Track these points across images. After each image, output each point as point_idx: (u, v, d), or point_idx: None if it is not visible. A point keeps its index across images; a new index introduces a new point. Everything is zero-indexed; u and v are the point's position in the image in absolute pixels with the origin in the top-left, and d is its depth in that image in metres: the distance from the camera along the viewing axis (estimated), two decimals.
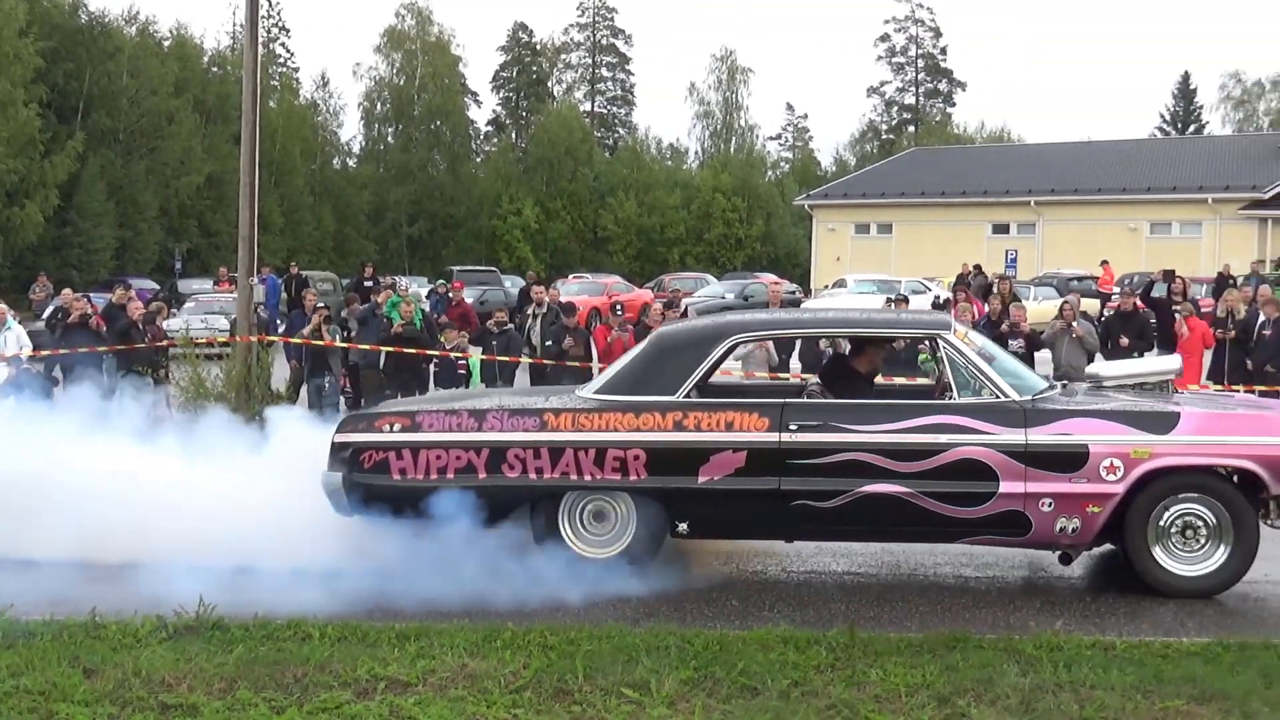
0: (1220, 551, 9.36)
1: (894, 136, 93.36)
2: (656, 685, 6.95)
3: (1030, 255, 53.22)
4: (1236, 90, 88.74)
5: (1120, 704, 6.66)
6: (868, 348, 10.91)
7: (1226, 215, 53.57)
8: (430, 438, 9.79)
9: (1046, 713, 6.57)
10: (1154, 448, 9.32)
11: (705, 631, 7.95)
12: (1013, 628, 8.29)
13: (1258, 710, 6.58)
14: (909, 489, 9.38)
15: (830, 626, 8.09)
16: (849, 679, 7.06)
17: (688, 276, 51.42)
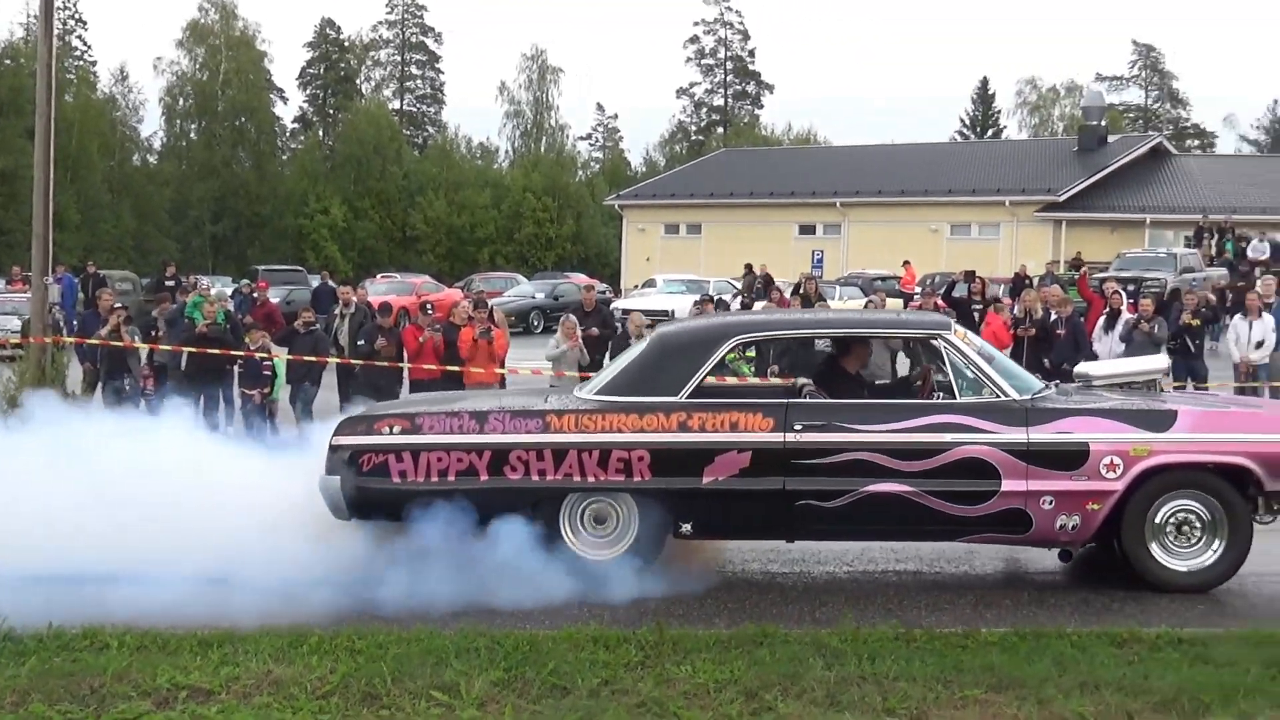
0: (1215, 547, 9.52)
1: (703, 138, 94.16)
2: (466, 687, 6.91)
3: (836, 255, 54.07)
4: (1032, 96, 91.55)
5: (922, 694, 6.80)
6: (856, 347, 10.87)
7: (1023, 217, 54.95)
8: (431, 440, 9.68)
9: (851, 705, 6.67)
10: (1153, 445, 9.45)
11: (515, 632, 7.90)
12: (819, 622, 8.40)
13: (1052, 696, 6.76)
14: (913, 488, 9.41)
15: (641, 625, 8.12)
16: (658, 676, 7.10)
17: (498, 276, 51.28)
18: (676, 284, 39.60)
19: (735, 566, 10.48)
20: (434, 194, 76.39)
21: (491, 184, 79.78)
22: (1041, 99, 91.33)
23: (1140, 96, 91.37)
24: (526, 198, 76.25)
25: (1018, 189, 56.01)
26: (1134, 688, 6.86)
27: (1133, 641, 7.77)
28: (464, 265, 68.67)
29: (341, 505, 9.63)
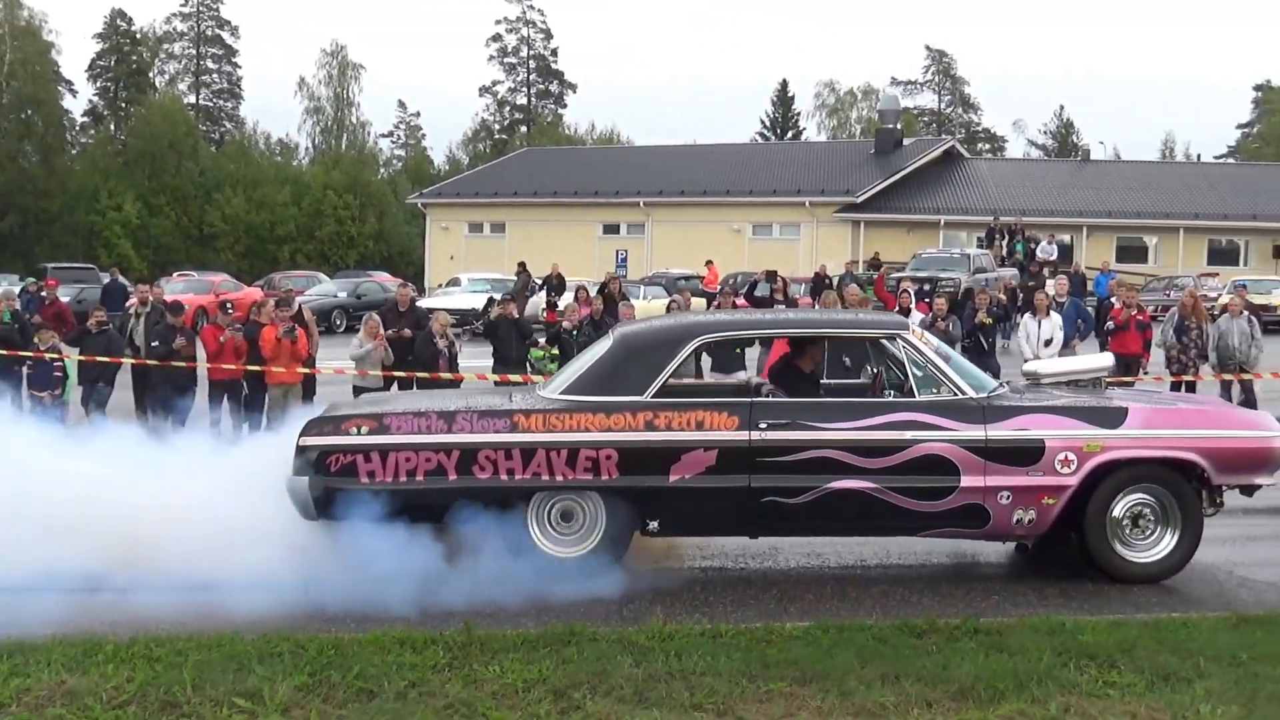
0: (1169, 538, 9.81)
1: (507, 136, 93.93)
2: (270, 693, 6.78)
3: (640, 255, 54.45)
4: (830, 98, 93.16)
5: (728, 689, 6.87)
6: (810, 348, 10.92)
7: (823, 218, 55.93)
8: (399, 440, 9.65)
9: (659, 701, 6.71)
10: (1105, 441, 9.68)
11: (320, 636, 7.78)
12: (626, 620, 8.41)
13: (854, 688, 6.87)
14: (875, 484, 9.58)
15: (448, 626, 8.06)
16: (466, 677, 7.06)
17: (299, 274, 50.16)
18: (481, 283, 39.37)
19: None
20: (232, 191, 74.72)
21: (291, 181, 78.31)
22: (839, 102, 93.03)
23: (934, 101, 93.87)
24: (327, 195, 75.09)
25: (817, 190, 57.02)
26: (933, 677, 7.02)
27: (931, 632, 7.95)
28: (264, 263, 67.26)
29: (310, 506, 9.55)
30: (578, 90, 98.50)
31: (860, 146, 66.73)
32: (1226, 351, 17.68)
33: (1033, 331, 18.51)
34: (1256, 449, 10.03)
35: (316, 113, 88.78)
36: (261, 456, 10.51)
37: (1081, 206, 56.17)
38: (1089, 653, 7.46)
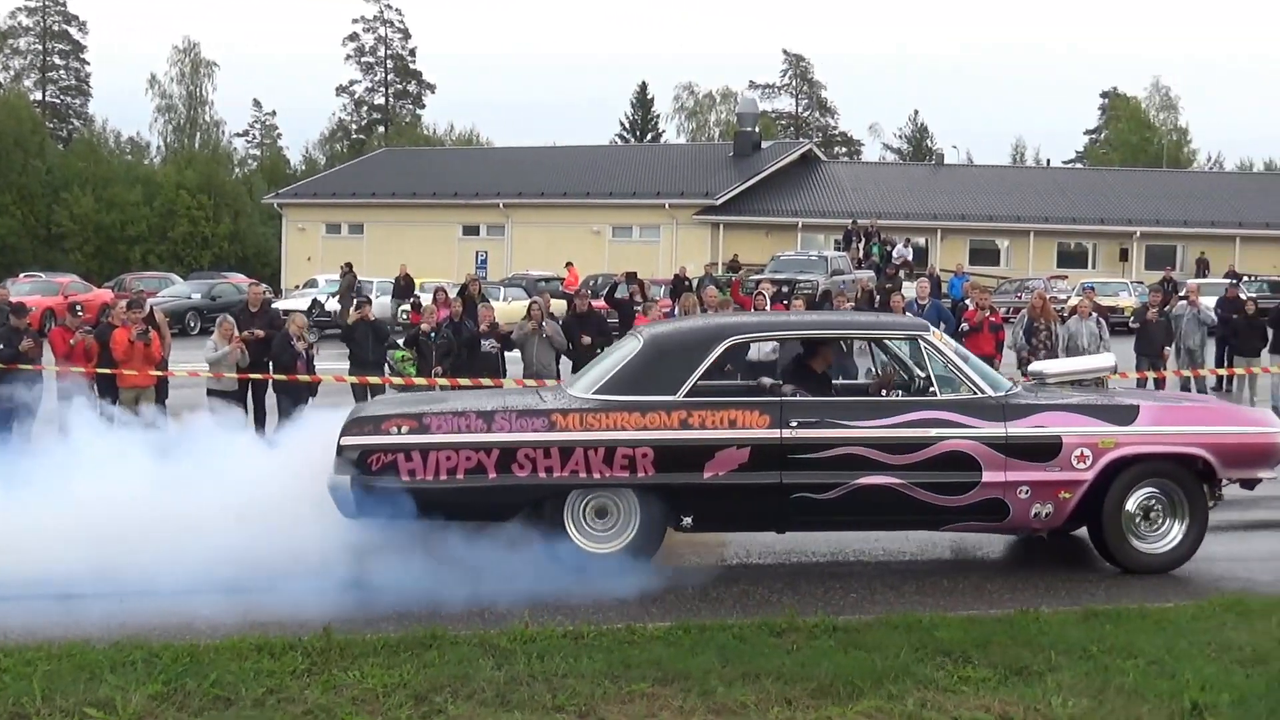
0: (1178, 528, 10.22)
1: (364, 136, 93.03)
2: (122, 702, 6.64)
3: (500, 256, 54.27)
4: (690, 101, 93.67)
5: (590, 690, 6.87)
6: (824, 349, 11.17)
7: (682, 220, 56.24)
8: (440, 439, 9.76)
9: (521, 703, 6.69)
10: (1119, 438, 10.03)
11: (175, 644, 7.61)
12: (488, 622, 8.35)
13: (715, 687, 6.91)
14: (901, 480, 9.83)
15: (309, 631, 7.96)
16: (326, 683, 6.97)
17: (151, 276, 49.21)
18: (338, 284, 38.95)
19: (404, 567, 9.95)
20: (80, 190, 72.64)
21: (143, 180, 76.40)
22: (698, 105, 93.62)
23: (791, 105, 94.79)
24: (180, 195, 73.48)
25: (676, 192, 57.25)
26: (792, 675, 7.08)
27: (790, 631, 8.01)
28: (114, 264, 65.68)
29: (351, 504, 9.69)
30: (436, 91, 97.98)
31: (719, 149, 67.14)
32: (1076, 352, 18.08)
33: None
34: (1260, 444, 10.52)
35: (168, 110, 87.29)
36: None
37: (936, 210, 57.15)
38: (945, 649, 7.57)
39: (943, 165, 70.31)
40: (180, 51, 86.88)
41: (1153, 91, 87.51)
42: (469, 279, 27.14)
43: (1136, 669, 7.16)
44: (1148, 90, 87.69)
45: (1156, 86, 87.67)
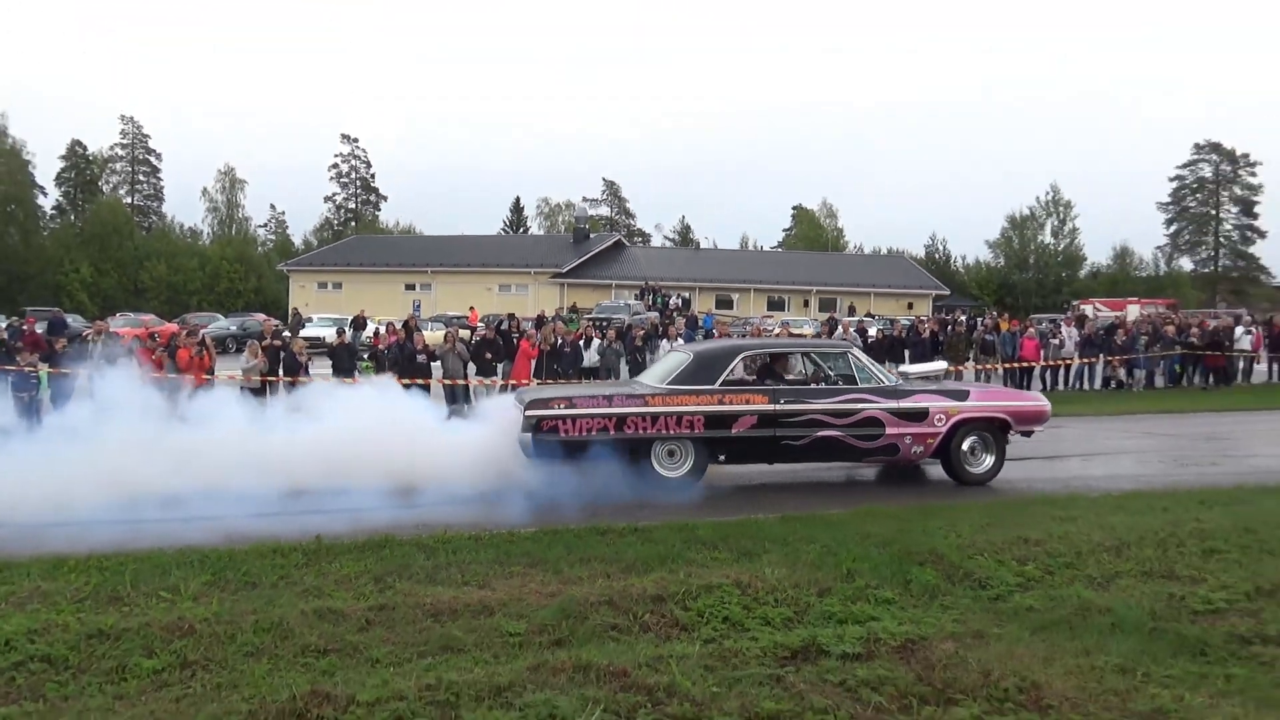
0: (989, 459, 11.06)
1: (342, 228, 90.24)
2: (185, 587, 6.36)
3: (429, 304, 53.69)
4: (546, 208, 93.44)
5: (486, 571, 6.78)
6: (786, 359, 11.58)
7: (542, 282, 56.42)
8: (583, 411, 10.19)
9: (443, 581, 6.57)
10: (959, 408, 10.89)
11: (219, 549, 7.28)
12: (421, 530, 8.15)
13: (563, 568, 6.86)
14: (842, 434, 10.54)
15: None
16: (318, 572, 6.76)
17: (203, 314, 47.24)
18: (326, 320, 37.82)
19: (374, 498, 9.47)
20: (156, 261, 69.75)
21: (198, 254, 73.40)
22: (552, 210, 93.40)
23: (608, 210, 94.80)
24: (223, 264, 70.85)
25: (538, 264, 57.62)
26: (610, 558, 7.08)
27: (610, 532, 7.99)
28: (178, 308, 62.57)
29: (531, 450, 10.07)
30: (389, 199, 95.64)
31: (564, 238, 67.18)
32: None
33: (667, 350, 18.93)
34: (1036, 411, 11.44)
35: (214, 211, 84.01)
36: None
37: (695, 275, 58.05)
38: (703, 540, 7.63)
39: (700, 249, 71.38)
40: (222, 173, 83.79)
41: (822, 205, 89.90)
42: (409, 317, 26.61)
43: (815, 550, 7.27)
44: (819, 204, 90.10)
45: (824, 203, 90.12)
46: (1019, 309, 59.79)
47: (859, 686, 4.86)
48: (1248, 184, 76.80)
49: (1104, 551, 7.29)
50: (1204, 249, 78.08)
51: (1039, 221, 74.94)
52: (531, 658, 5.21)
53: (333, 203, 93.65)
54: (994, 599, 6.31)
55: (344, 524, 8.26)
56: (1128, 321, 28.76)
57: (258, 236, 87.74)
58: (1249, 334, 25.65)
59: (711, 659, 5.20)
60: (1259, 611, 5.99)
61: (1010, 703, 4.70)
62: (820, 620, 5.83)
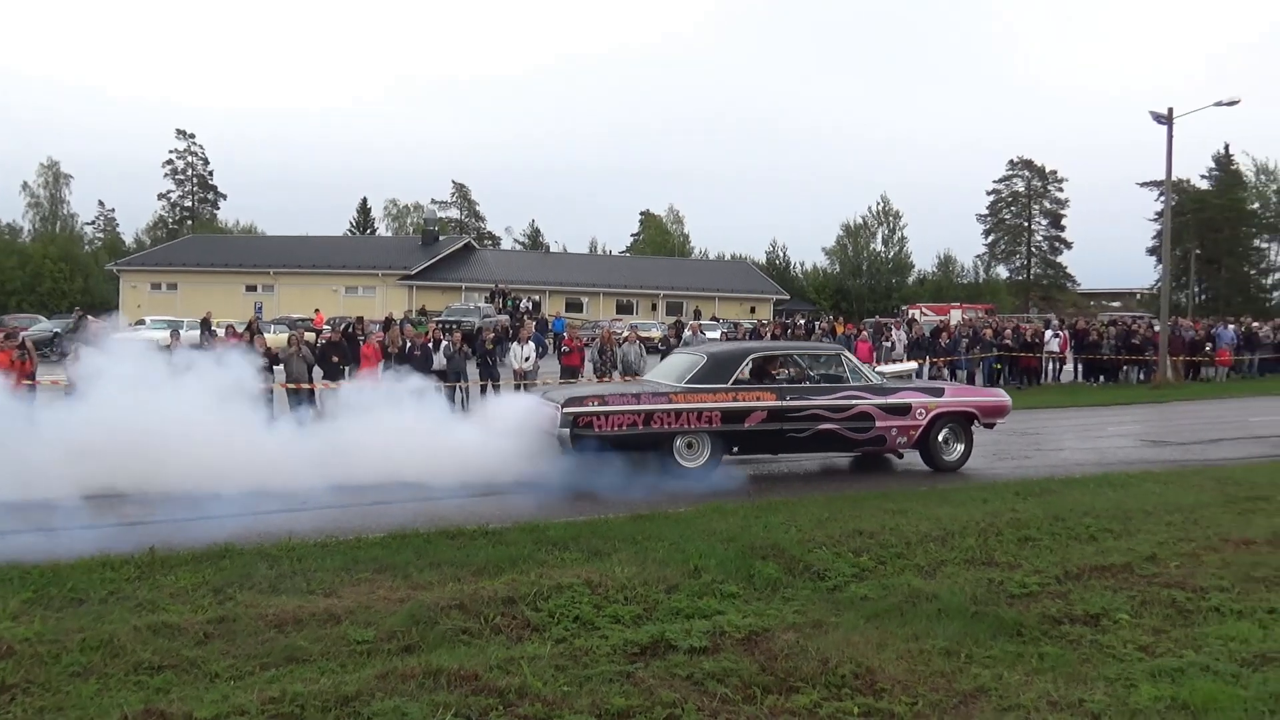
0: (960, 448, 12.28)
1: (178, 227, 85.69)
2: (3, 606, 5.89)
3: (271, 306, 51.51)
4: (394, 209, 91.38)
5: (333, 578, 6.56)
6: (778, 360, 12.14)
7: (389, 284, 54.99)
8: (614, 408, 10.86)
9: (287, 590, 6.32)
10: (936, 404, 12.08)
11: (40, 565, 6.75)
12: (264, 538, 7.84)
13: (412, 572, 6.72)
14: (839, 426, 11.56)
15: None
16: (152, 585, 6.39)
17: (24, 316, 44.02)
18: (161, 323, 35.79)
19: (215, 502, 9.21)
20: None
21: (17, 252, 68.21)
22: (400, 211, 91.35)
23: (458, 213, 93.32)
24: (45, 263, 65.98)
25: (386, 266, 56.20)
26: (461, 562, 6.97)
27: (460, 535, 7.86)
28: None
29: (569, 444, 10.70)
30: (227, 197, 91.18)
31: (413, 240, 65.80)
32: (628, 365, 18.59)
33: (518, 352, 18.83)
34: (999, 406, 12.78)
35: (37, 207, 78.42)
36: None
37: (546, 279, 57.85)
38: (553, 541, 7.61)
39: (550, 252, 71.11)
40: (45, 167, 78.19)
41: (669, 211, 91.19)
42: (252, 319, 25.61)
43: (663, 548, 7.36)
44: (666, 210, 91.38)
45: (671, 209, 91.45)
46: (853, 313, 62.24)
47: (706, 679, 4.94)
48: (1056, 198, 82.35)
49: (931, 541, 7.67)
50: (1018, 258, 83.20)
51: (871, 230, 78.33)
52: (380, 665, 5.08)
53: (167, 200, 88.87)
54: (831, 589, 6.54)
55: (172, 534, 7.85)
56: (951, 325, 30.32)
57: (85, 234, 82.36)
58: (1057, 337, 27.48)
59: (563, 658, 5.19)
60: (1068, 593, 6.41)
61: (847, 688, 4.88)
62: (668, 616, 5.90)
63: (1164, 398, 23.05)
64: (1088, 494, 9.74)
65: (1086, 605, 6.13)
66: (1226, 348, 28.83)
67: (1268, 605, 6.14)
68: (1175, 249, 61.72)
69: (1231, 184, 76.45)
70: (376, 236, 79.94)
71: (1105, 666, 5.15)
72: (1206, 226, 74.03)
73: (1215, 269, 75.49)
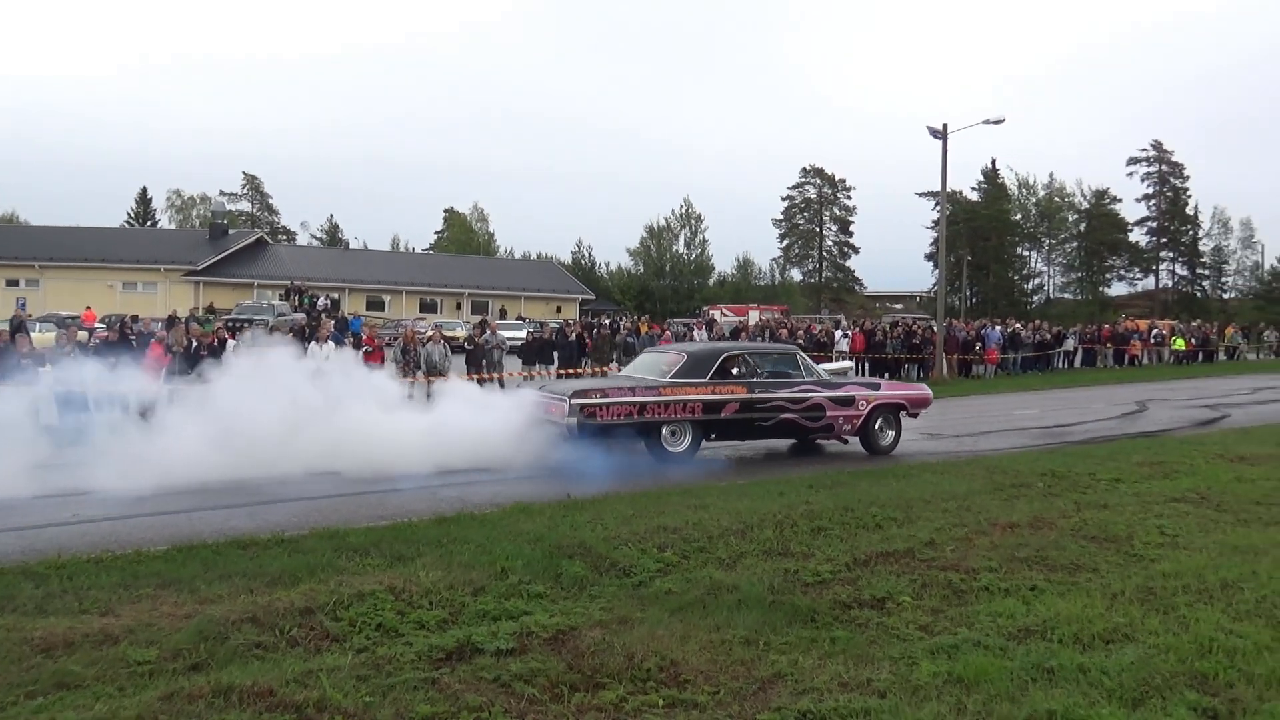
0: (892, 434, 13.98)
1: None
2: None
3: (37, 301, 47.70)
4: (179, 201, 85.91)
5: (109, 596, 6.09)
6: (755, 358, 13.51)
7: (173, 280, 52.14)
8: (614, 400, 12.18)
9: (56, 610, 5.82)
10: (874, 396, 13.88)
11: None
12: (28, 556, 7.20)
13: (200, 586, 6.34)
14: (797, 416, 13.19)
15: None
16: None
17: None
18: None
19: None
20: None
21: None
22: (185, 203, 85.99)
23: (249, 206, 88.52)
24: None
25: (169, 260, 53.16)
26: (254, 573, 6.64)
27: (251, 545, 7.49)
28: None
29: (576, 433, 11.88)
30: None
31: (199, 233, 62.28)
32: (431, 364, 18.26)
33: (317, 352, 18.08)
34: (924, 398, 14.61)
35: None
36: None
37: (345, 276, 56.18)
38: (355, 548, 7.36)
39: (349, 249, 68.79)
40: None
41: (474, 209, 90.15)
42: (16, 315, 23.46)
43: (469, 550, 7.26)
44: (471, 208, 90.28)
45: (476, 207, 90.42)
46: (657, 313, 63.51)
47: (513, 680, 4.91)
48: (845, 205, 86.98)
49: (732, 535, 7.92)
50: (810, 261, 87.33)
51: (674, 232, 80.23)
52: (164, 686, 4.75)
53: None
54: (637, 585, 6.64)
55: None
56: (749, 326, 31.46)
57: None
58: (846, 336, 29.02)
59: (365, 668, 5.03)
60: (857, 579, 6.78)
61: (652, 681, 4.97)
62: (475, 619, 5.83)
63: (940, 394, 24.77)
64: (874, 485, 10.33)
65: (873, 590, 6.49)
66: (994, 347, 31.31)
67: (1030, 583, 6.71)
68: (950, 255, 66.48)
69: (997, 196, 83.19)
70: (159, 229, 75.02)
71: (890, 647, 5.47)
72: (976, 235, 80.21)
73: (984, 274, 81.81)
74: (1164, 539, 8.00)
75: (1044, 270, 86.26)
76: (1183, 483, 10.64)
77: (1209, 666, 5.11)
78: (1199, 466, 11.82)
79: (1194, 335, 40.22)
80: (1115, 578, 6.82)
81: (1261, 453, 13.15)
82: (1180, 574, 6.88)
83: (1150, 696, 4.75)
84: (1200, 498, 9.81)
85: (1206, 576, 6.79)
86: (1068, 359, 35.41)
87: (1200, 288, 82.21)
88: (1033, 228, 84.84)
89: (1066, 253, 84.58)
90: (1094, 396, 24.41)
